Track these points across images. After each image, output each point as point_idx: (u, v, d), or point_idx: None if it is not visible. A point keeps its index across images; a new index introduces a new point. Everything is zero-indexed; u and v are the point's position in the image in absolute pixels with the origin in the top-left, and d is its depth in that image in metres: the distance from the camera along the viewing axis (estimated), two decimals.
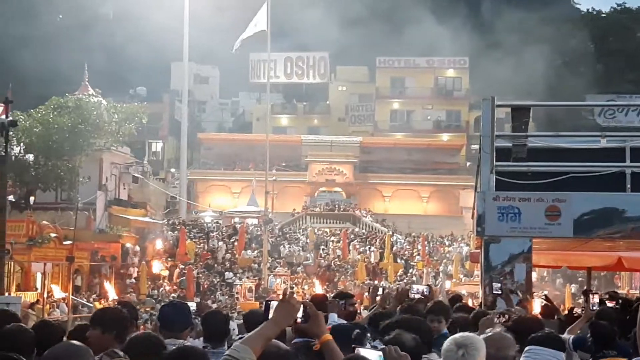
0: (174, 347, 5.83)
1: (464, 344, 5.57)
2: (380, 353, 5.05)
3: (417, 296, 11.07)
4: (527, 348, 5.92)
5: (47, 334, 6.82)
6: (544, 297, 13.51)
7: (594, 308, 11.67)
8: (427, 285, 12.29)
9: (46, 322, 7.71)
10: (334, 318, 9.57)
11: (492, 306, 11.44)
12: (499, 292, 10.26)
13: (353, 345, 5.36)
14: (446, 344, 5.68)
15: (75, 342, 4.91)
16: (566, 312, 17.76)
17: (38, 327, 7.33)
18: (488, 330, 6.73)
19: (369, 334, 7.31)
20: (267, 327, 4.93)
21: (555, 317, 13.07)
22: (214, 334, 7.62)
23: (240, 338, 5.24)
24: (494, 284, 9.58)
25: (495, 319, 9.03)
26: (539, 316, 11.78)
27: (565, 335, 9.47)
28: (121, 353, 6.17)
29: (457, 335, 5.80)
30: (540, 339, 5.96)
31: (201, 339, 7.82)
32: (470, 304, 17.74)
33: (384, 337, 6.31)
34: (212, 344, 7.42)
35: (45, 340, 6.36)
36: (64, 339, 7.05)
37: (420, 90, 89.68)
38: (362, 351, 5.06)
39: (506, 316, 9.01)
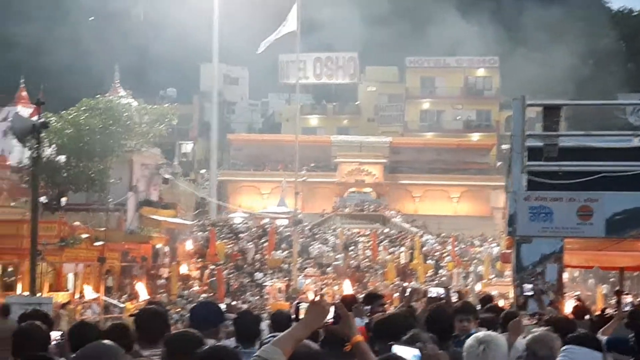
0: (206, 347, 5.83)
1: (485, 341, 5.81)
2: (417, 351, 5.04)
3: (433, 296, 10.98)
4: (564, 347, 5.88)
5: (83, 334, 6.85)
6: (575, 297, 13.41)
7: (626, 309, 11.56)
8: (445, 287, 12.22)
9: (83, 323, 7.75)
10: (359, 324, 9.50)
11: (524, 307, 11.39)
12: (531, 294, 10.19)
13: (389, 343, 5.33)
14: (468, 341, 5.96)
15: (106, 341, 4.92)
16: (598, 312, 17.62)
17: (75, 327, 7.38)
18: (534, 330, 6.77)
19: None
20: (297, 329, 4.93)
21: (587, 317, 12.98)
22: (245, 335, 7.63)
23: (271, 338, 5.25)
24: (525, 285, 9.52)
25: (526, 320, 8.99)
26: (571, 317, 11.70)
27: (599, 336, 9.39)
28: (146, 352, 6.18)
29: (479, 333, 6.09)
30: (578, 338, 5.93)
31: (232, 339, 7.83)
32: (501, 304, 17.66)
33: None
34: (243, 345, 7.43)
35: (82, 340, 6.38)
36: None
37: (450, 90, 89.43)
38: (398, 349, 5.03)
39: (536, 317, 8.96)
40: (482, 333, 6.16)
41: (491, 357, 5.77)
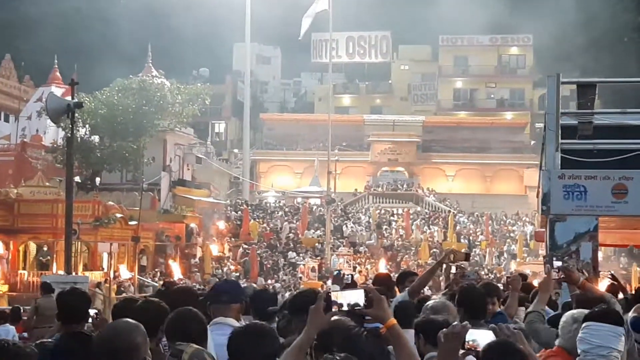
0: (246, 324, 5.83)
1: (578, 319, 6.14)
2: (491, 332, 4.97)
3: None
4: (585, 324, 5.85)
5: (123, 310, 6.90)
6: (610, 275, 13.31)
7: None
8: (475, 271, 12.15)
9: (127, 299, 7.78)
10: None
11: (558, 286, 11.30)
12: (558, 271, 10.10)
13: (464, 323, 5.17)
14: (564, 317, 6.47)
15: (126, 319, 4.93)
16: (633, 292, 17.50)
17: (118, 303, 7.49)
18: None
19: None
20: (302, 339, 5.00)
21: (622, 296, 12.89)
22: (263, 311, 7.64)
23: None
24: (554, 262, 9.43)
25: (555, 274, 8.96)
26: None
27: (631, 314, 9.30)
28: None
29: (575, 311, 6.51)
30: (598, 314, 5.88)
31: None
32: (536, 284, 17.58)
33: None
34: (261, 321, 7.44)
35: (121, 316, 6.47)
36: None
37: (483, 69, 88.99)
38: (474, 332, 4.92)
39: (561, 274, 8.86)
40: (577, 311, 6.46)
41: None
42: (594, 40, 72.63)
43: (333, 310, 5.04)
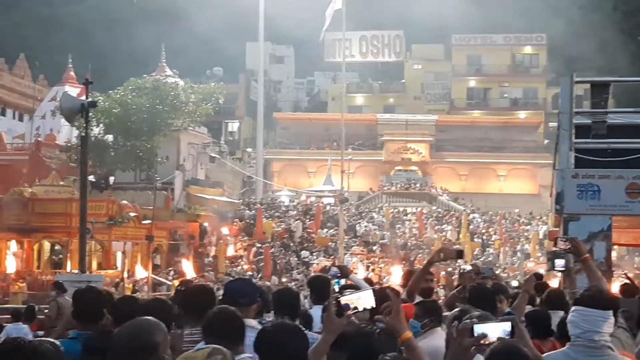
0: (271, 322, 5.85)
1: None
2: (509, 324, 4.95)
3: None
4: (573, 308, 5.87)
5: (126, 308, 6.93)
6: (624, 275, 13.28)
7: None
8: (490, 268, 12.11)
9: (126, 297, 7.84)
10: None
11: (572, 286, 11.28)
12: (563, 269, 10.06)
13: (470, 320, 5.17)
14: None
15: (147, 317, 4.94)
16: None
17: (119, 301, 7.53)
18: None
19: None
20: (320, 342, 5.16)
21: (636, 296, 12.87)
22: (285, 309, 7.66)
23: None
24: (556, 260, 9.38)
25: (562, 243, 8.92)
26: (619, 295, 11.60)
27: None
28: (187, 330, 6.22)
29: None
30: (588, 299, 5.88)
31: (272, 313, 7.89)
32: (551, 284, 17.57)
33: None
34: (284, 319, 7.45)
35: (124, 314, 6.48)
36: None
37: (497, 68, 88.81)
38: (482, 327, 4.91)
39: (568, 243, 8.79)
40: None
41: None
42: (608, 40, 72.48)
43: (347, 314, 5.11)
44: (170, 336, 4.96)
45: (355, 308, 5.13)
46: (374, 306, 5.18)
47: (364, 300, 5.16)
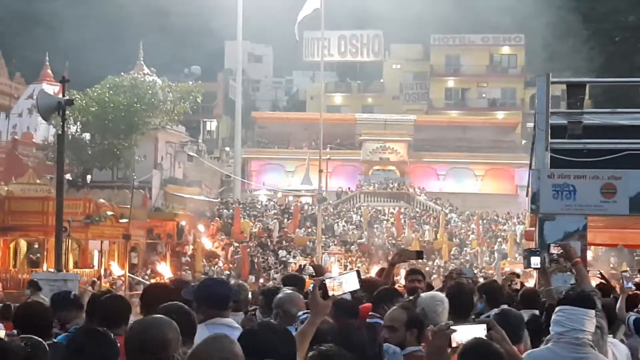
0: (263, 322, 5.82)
1: None
2: (484, 326, 4.95)
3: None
4: (559, 307, 5.94)
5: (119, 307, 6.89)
6: (599, 275, 13.33)
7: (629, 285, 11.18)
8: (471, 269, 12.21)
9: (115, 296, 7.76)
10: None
11: (547, 284, 11.32)
12: (538, 267, 10.09)
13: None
14: None
15: (160, 315, 4.94)
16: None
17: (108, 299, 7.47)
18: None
19: None
20: (307, 325, 5.21)
21: (612, 295, 12.93)
22: (270, 310, 7.65)
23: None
24: (532, 257, 9.39)
25: (554, 249, 8.99)
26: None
27: (632, 314, 9.39)
28: None
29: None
30: (573, 298, 5.96)
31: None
32: (527, 284, 17.66)
33: None
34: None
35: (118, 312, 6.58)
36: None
37: (475, 68, 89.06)
38: (459, 328, 4.89)
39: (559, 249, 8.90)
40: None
41: None
42: (585, 40, 72.74)
43: (332, 296, 5.19)
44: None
45: (339, 289, 5.21)
46: (358, 288, 5.29)
47: (349, 283, 5.22)
